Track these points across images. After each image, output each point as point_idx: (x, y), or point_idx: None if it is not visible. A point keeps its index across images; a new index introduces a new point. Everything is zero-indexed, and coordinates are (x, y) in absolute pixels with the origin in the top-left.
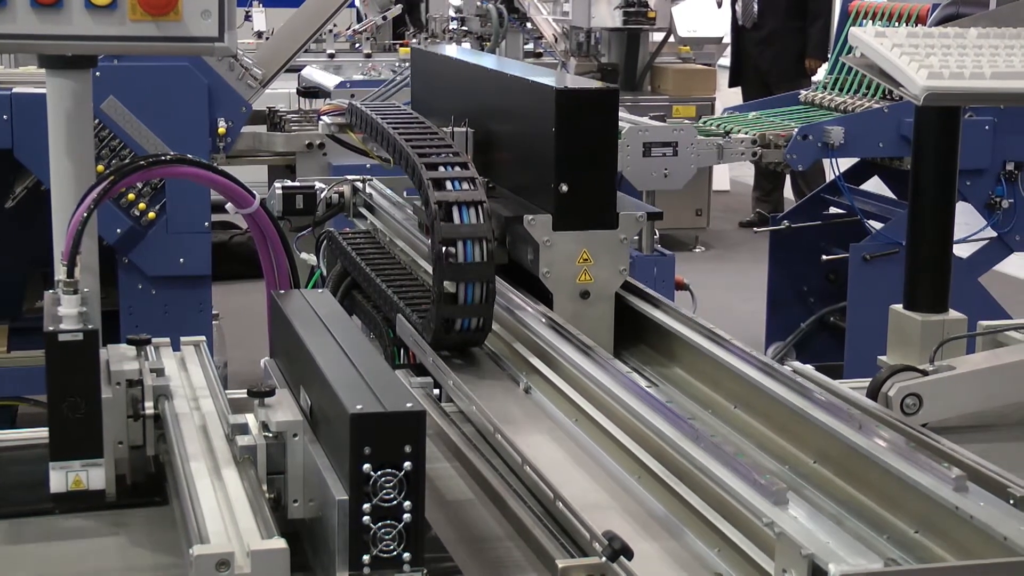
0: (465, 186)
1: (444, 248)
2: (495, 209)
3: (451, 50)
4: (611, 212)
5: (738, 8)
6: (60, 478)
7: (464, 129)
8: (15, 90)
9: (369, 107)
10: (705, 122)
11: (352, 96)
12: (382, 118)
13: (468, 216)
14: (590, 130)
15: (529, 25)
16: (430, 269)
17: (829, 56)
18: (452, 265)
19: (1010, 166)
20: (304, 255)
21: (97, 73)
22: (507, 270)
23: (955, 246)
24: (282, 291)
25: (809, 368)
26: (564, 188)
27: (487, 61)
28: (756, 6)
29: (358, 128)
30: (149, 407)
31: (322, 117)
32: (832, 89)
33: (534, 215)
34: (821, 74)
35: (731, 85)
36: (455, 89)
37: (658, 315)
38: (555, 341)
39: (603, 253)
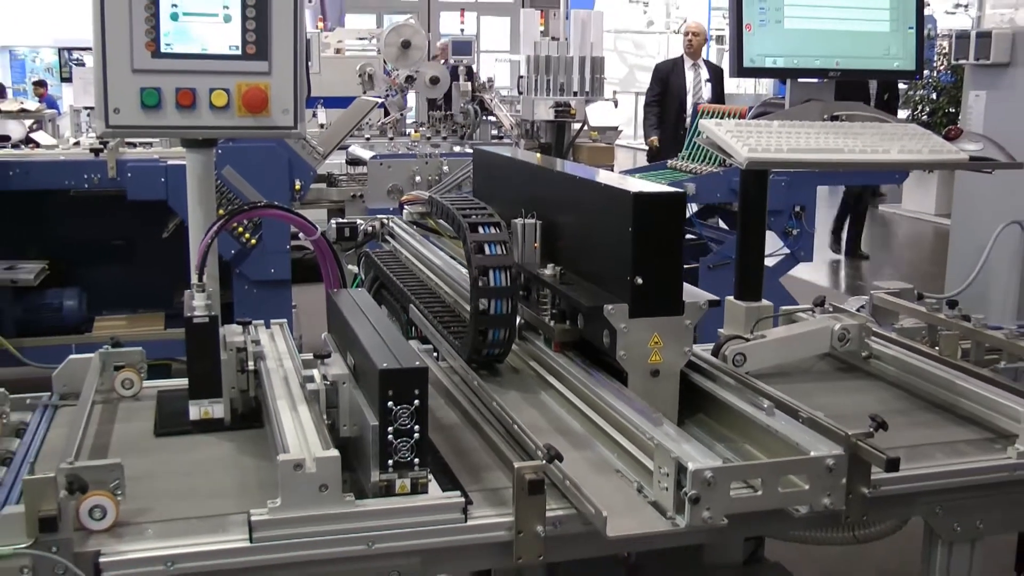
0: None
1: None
2: (572, 296)
3: (510, 151)
4: (678, 300)
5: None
6: (196, 410)
7: (534, 221)
8: (168, 162)
9: (444, 198)
10: None
11: (381, 164)
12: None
13: (499, 279)
14: (661, 229)
15: (493, 118)
16: (433, 276)
17: (685, 141)
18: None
19: (797, 208)
20: (350, 267)
21: (219, 151)
22: (576, 346)
23: (765, 259)
24: (335, 290)
25: None
26: (639, 281)
27: (548, 162)
28: None
29: (436, 214)
30: (251, 365)
31: (404, 207)
32: (688, 159)
33: (613, 305)
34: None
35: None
36: (518, 185)
37: (715, 388)
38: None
39: (671, 337)
